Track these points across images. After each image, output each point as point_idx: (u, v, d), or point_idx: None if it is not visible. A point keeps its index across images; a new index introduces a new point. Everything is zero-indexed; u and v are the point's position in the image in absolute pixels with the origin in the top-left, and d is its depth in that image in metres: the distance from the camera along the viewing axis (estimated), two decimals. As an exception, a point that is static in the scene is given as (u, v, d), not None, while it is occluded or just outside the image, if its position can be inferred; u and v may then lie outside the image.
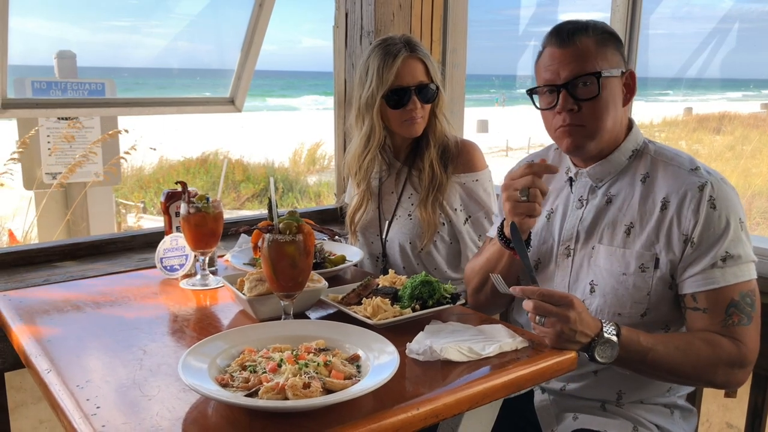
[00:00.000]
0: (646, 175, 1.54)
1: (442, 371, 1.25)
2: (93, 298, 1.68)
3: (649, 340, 1.39)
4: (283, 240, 1.35)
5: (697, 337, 1.42)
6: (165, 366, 1.27)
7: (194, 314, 1.60)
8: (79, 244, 2.12)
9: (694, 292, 1.44)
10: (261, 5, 2.95)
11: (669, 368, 1.41)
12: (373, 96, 2.05)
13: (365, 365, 1.21)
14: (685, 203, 1.45)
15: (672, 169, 1.51)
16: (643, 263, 1.48)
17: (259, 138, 19.58)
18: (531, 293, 1.33)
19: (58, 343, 1.39)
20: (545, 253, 1.66)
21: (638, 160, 1.57)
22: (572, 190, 1.64)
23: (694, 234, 1.43)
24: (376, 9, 2.43)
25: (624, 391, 1.58)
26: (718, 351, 1.40)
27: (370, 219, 2.23)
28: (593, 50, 1.48)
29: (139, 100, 3.29)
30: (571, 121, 1.50)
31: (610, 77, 1.48)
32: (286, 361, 1.16)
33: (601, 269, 1.54)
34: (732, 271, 1.42)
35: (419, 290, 1.51)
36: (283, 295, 1.41)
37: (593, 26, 1.51)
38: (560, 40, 1.49)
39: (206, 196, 1.75)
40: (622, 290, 1.50)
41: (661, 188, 1.50)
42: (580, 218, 1.60)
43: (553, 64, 1.50)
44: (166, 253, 1.86)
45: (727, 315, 1.42)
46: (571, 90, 1.48)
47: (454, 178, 2.11)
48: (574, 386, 1.61)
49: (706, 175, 1.47)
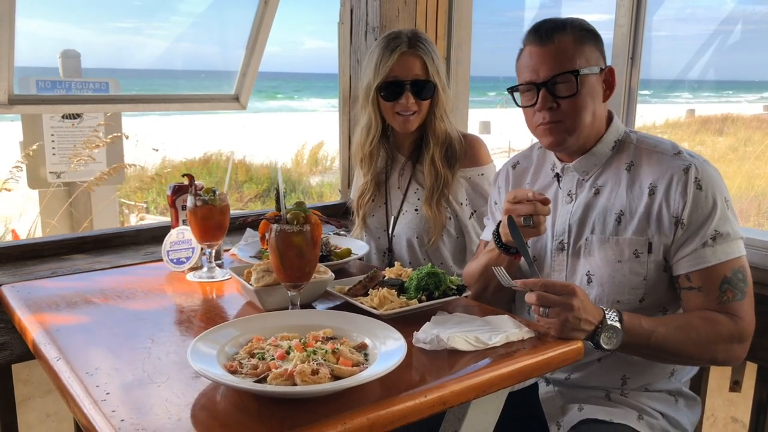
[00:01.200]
0: (631, 163, 1.58)
1: (448, 360, 1.26)
2: (100, 290, 1.69)
3: (650, 323, 1.42)
4: (291, 230, 1.36)
5: (696, 316, 1.46)
6: (173, 354, 1.27)
7: (201, 306, 1.61)
8: (86, 238, 2.13)
9: (688, 272, 1.48)
10: (266, 1, 2.95)
11: (672, 349, 1.44)
12: (369, 87, 2.09)
13: (372, 353, 1.22)
14: (672, 186, 1.48)
15: (656, 156, 1.55)
16: (637, 249, 1.52)
17: (261, 139, 19.60)
18: (533, 285, 1.35)
19: (66, 332, 1.40)
20: (540, 250, 1.69)
21: (621, 149, 1.60)
22: (560, 185, 1.67)
23: (683, 215, 1.47)
24: (381, 5, 2.44)
25: (628, 376, 1.59)
26: (717, 327, 1.44)
27: (377, 213, 2.24)
28: (571, 48, 1.51)
29: (143, 96, 3.31)
30: (551, 118, 1.54)
31: (588, 75, 1.51)
32: (294, 349, 1.16)
33: (596, 259, 1.57)
34: (722, 248, 1.45)
35: (425, 281, 1.52)
36: (290, 286, 1.41)
37: (571, 24, 1.53)
38: (539, 38, 1.53)
39: (213, 189, 1.76)
40: (619, 277, 1.54)
41: (647, 175, 1.53)
42: (570, 212, 1.63)
43: (532, 62, 1.54)
44: (172, 246, 1.87)
45: (721, 292, 1.45)
46: (551, 88, 1.52)
47: (460, 173, 2.12)
48: (579, 375, 1.63)
49: (689, 158, 1.51)
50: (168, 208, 1.96)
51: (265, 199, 13.49)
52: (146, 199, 12.02)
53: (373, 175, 2.22)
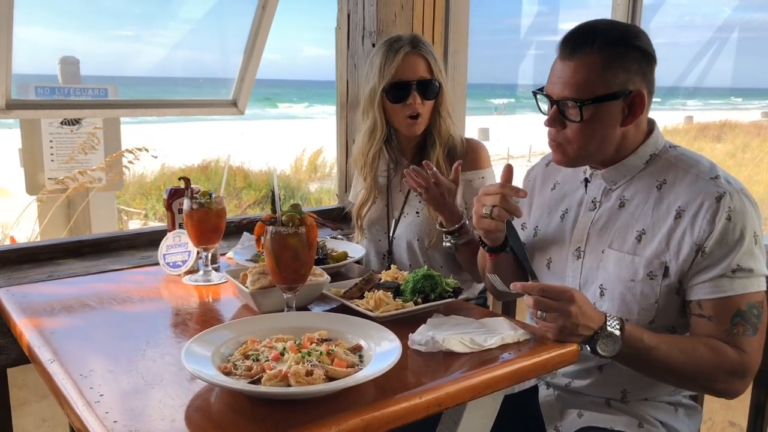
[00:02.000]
0: (663, 181, 1.49)
1: (444, 362, 1.26)
2: (96, 293, 1.68)
3: (652, 338, 1.39)
4: (286, 232, 1.36)
5: (701, 342, 1.41)
6: (168, 356, 1.27)
7: (197, 309, 1.60)
8: (83, 242, 2.13)
9: (701, 299, 1.42)
10: (264, 7, 2.96)
11: (670, 369, 1.40)
12: (375, 90, 2.08)
13: (368, 355, 1.21)
14: (700, 213, 1.41)
15: (690, 177, 1.46)
16: (652, 271, 1.46)
17: (260, 146, 19.63)
18: (531, 289, 1.33)
19: (61, 335, 1.40)
20: (557, 253, 1.64)
21: (656, 164, 1.52)
22: (586, 190, 1.61)
23: (707, 244, 1.40)
24: (378, 10, 2.45)
25: (629, 390, 1.57)
26: (720, 358, 1.39)
27: (378, 216, 2.24)
28: (590, 71, 1.40)
29: (141, 101, 3.30)
30: (555, 137, 1.49)
31: (600, 103, 1.41)
32: (288, 350, 1.16)
33: (610, 274, 1.52)
34: (741, 282, 1.39)
35: (421, 284, 1.51)
36: (285, 288, 1.41)
37: (604, 38, 1.41)
38: (563, 51, 1.44)
39: (209, 192, 1.76)
40: (630, 296, 1.49)
41: (677, 196, 1.46)
42: (592, 220, 1.57)
43: (553, 75, 1.48)
44: (168, 249, 1.87)
45: (732, 324, 1.40)
46: (561, 108, 1.45)
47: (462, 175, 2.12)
48: (580, 383, 1.61)
49: (726, 185, 1.42)
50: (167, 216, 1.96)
51: (263, 206, 13.49)
52: (145, 206, 12.03)
53: (374, 181, 2.23)
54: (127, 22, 28.43)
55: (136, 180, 13.55)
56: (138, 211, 11.14)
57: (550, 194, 1.72)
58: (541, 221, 1.71)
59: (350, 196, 2.46)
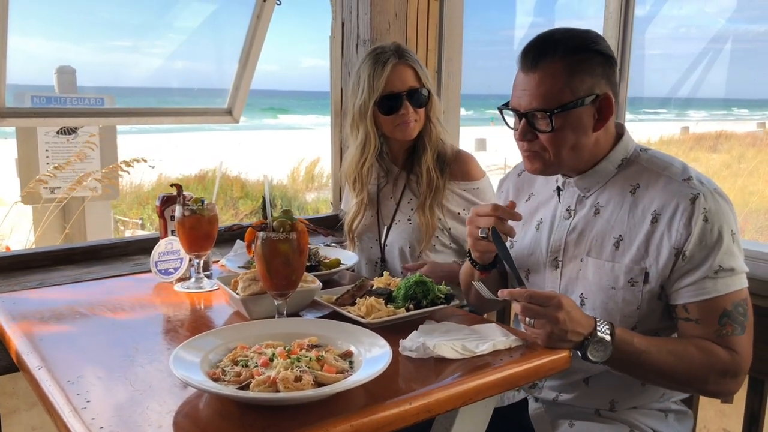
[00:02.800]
0: (636, 185, 1.49)
1: (435, 368, 1.25)
2: (87, 300, 1.67)
3: (643, 342, 1.38)
4: (277, 238, 1.35)
5: (692, 344, 1.40)
6: (157, 363, 1.26)
7: (188, 316, 1.59)
8: (75, 249, 2.12)
9: (686, 302, 1.42)
10: (258, 16, 2.97)
11: (661, 371, 1.39)
12: (366, 104, 2.08)
13: (358, 361, 1.21)
14: (676, 216, 1.41)
15: (663, 180, 1.46)
16: (632, 277, 1.45)
17: (257, 155, 19.65)
18: (518, 296, 1.32)
19: (50, 341, 1.39)
20: (534, 264, 1.63)
21: (628, 169, 1.51)
22: (560, 199, 1.61)
23: (686, 247, 1.39)
24: (372, 18, 2.46)
25: (617, 400, 1.56)
26: (711, 359, 1.38)
27: (368, 224, 2.24)
28: (554, 81, 1.39)
29: (137, 110, 3.30)
30: (528, 147, 1.48)
31: (568, 111, 1.40)
32: (278, 356, 1.15)
33: (590, 283, 1.51)
34: (724, 281, 1.39)
35: (413, 290, 1.51)
36: (276, 294, 1.40)
37: (564, 45, 1.41)
38: (525, 64, 1.43)
39: (201, 199, 1.76)
40: (612, 304, 1.48)
41: (652, 200, 1.45)
42: (568, 229, 1.57)
43: (516, 89, 1.46)
44: (161, 256, 1.86)
45: (720, 325, 1.39)
46: (530, 119, 1.44)
47: (452, 185, 2.13)
48: (567, 397, 1.60)
49: (699, 185, 1.42)
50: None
51: (260, 215, 13.50)
52: (141, 216, 12.01)
53: (366, 193, 2.23)
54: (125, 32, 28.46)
55: (133, 190, 13.54)
56: (134, 221, 11.11)
57: (524, 205, 1.71)
58: (517, 232, 1.70)
59: (343, 204, 2.46)
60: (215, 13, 4.99)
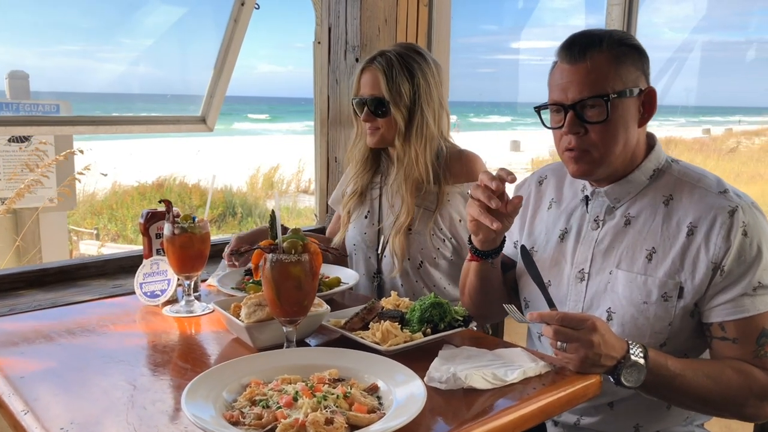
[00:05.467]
0: (669, 197, 1.44)
1: (465, 400, 1.16)
2: (66, 328, 1.52)
3: (677, 365, 1.31)
4: (288, 260, 1.24)
5: (729, 366, 1.34)
6: (160, 403, 1.13)
7: (182, 344, 1.46)
8: (47, 270, 1.95)
9: (723, 321, 1.36)
10: (236, 20, 2.85)
11: (697, 396, 1.34)
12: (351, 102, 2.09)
13: (386, 396, 1.11)
14: (714, 229, 1.35)
15: (699, 192, 1.41)
16: (666, 292, 1.39)
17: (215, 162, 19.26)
18: (550, 318, 1.24)
19: (33, 380, 1.24)
20: (556, 276, 1.55)
21: (660, 179, 1.47)
22: (587, 209, 1.54)
23: (724, 262, 1.34)
24: (361, 23, 2.36)
25: (641, 425, 1.50)
26: (749, 382, 1.33)
27: (368, 232, 2.12)
28: (605, 68, 1.37)
29: (104, 118, 3.12)
30: (578, 144, 1.41)
31: (622, 99, 1.37)
32: (302, 394, 1.04)
33: (620, 297, 1.44)
34: (762, 299, 1.34)
35: (430, 313, 1.42)
36: (286, 321, 1.29)
37: (609, 39, 1.39)
38: (570, 54, 1.39)
39: (192, 216, 1.63)
40: (642, 320, 1.41)
41: (687, 212, 1.40)
42: (596, 240, 1.50)
43: (562, 81, 1.41)
44: (146, 278, 1.72)
45: (758, 345, 1.34)
46: (579, 112, 1.38)
47: (455, 187, 2.03)
48: (590, 420, 1.53)
49: (736, 198, 1.38)
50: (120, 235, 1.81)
51: (220, 224, 13.20)
52: (97, 225, 11.59)
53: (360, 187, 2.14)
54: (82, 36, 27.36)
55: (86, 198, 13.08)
56: (89, 231, 10.71)
57: (546, 213, 1.63)
58: (538, 242, 1.62)
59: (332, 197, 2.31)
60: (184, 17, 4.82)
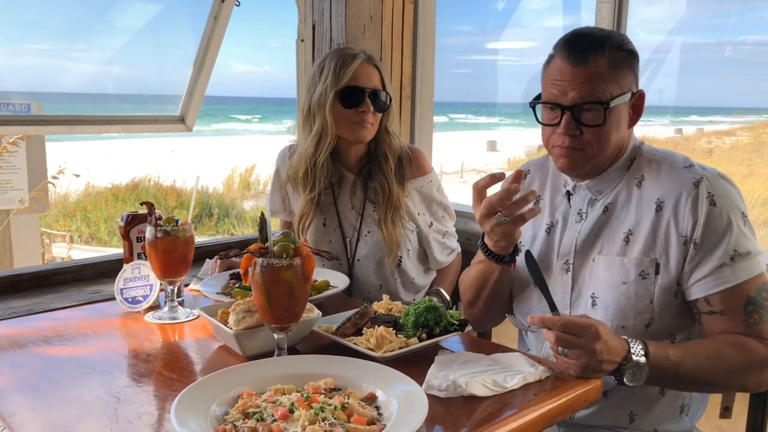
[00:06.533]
0: (642, 177, 1.47)
1: (465, 408, 1.13)
2: (43, 337, 1.45)
3: (677, 352, 1.32)
4: (279, 264, 1.19)
5: (725, 342, 1.35)
6: (146, 416, 1.08)
7: (167, 352, 1.40)
8: (22, 276, 1.87)
9: (707, 295, 1.37)
10: (216, 17, 2.79)
11: (701, 380, 1.35)
12: (326, 93, 1.95)
13: (385, 406, 1.06)
14: (681, 202, 1.38)
15: (665, 168, 1.45)
16: (644, 270, 1.41)
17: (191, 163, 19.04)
18: (552, 324, 1.23)
19: (8, 393, 1.17)
20: (545, 268, 1.56)
21: (633, 165, 1.50)
22: (570, 203, 1.56)
23: (695, 234, 1.36)
24: (347, 21, 2.31)
25: (636, 413, 1.50)
26: (749, 354, 1.33)
27: (334, 240, 2.07)
28: (606, 74, 1.37)
29: (78, 117, 3.03)
30: (571, 144, 1.42)
31: (618, 105, 1.39)
32: (298, 406, 0.99)
33: (601, 280, 1.46)
34: (742, 267, 1.35)
35: (425, 317, 1.38)
36: (276, 328, 1.24)
37: (611, 42, 1.40)
38: (572, 55, 1.39)
39: (175, 219, 1.57)
40: (624, 300, 1.42)
41: (655, 189, 1.43)
42: (578, 231, 1.52)
43: (562, 81, 1.40)
44: (126, 283, 1.65)
45: (746, 313, 1.35)
46: (576, 114, 1.39)
47: (410, 184, 2.06)
48: (585, 413, 1.52)
49: (701, 170, 1.41)
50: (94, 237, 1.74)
51: (197, 225, 13.04)
52: (70, 228, 11.36)
53: (317, 194, 2.04)
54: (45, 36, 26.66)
55: (59, 200, 12.82)
56: (62, 234, 10.49)
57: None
58: (525, 237, 1.62)
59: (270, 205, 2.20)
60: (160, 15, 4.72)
